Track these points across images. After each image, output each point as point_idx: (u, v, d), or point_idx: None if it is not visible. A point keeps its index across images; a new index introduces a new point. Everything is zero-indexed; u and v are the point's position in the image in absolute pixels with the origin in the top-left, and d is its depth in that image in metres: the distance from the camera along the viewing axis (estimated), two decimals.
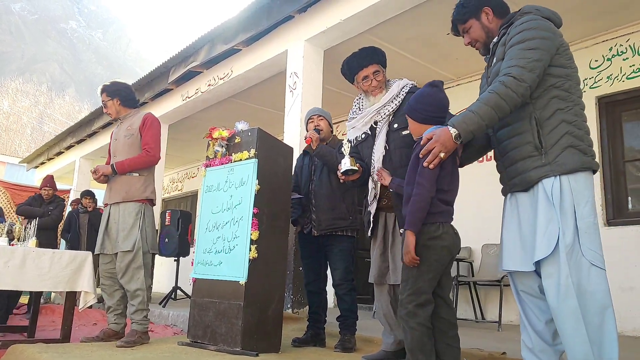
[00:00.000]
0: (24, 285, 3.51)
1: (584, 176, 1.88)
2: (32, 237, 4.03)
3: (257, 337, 2.93)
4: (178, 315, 5.04)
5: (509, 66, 1.91)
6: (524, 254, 1.95)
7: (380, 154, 2.60)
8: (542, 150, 1.90)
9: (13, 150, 29.20)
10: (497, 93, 1.88)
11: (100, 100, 3.74)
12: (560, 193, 1.84)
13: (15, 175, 15.75)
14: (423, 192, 2.02)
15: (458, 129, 1.91)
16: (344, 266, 3.27)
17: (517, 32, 1.97)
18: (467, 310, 5.46)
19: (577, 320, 1.76)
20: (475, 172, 5.14)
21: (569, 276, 1.78)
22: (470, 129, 1.91)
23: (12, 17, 53.47)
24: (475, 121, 1.90)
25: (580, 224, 1.82)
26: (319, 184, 3.39)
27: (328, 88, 5.89)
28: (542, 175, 1.89)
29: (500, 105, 1.88)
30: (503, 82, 1.88)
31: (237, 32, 5.57)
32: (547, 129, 1.91)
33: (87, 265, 3.72)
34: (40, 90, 40.80)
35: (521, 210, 2.00)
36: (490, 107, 1.88)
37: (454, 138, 1.93)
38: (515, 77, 1.87)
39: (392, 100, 2.65)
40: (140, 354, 2.87)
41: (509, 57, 1.93)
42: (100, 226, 3.58)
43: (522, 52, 1.90)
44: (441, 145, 1.95)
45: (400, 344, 2.62)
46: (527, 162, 1.94)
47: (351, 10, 4.57)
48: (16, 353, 2.99)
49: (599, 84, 4.92)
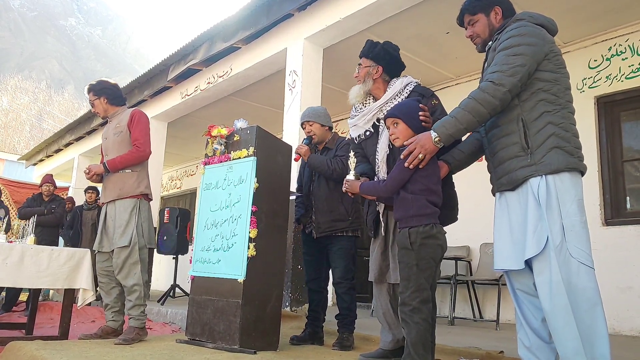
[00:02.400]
0: (22, 282, 3.50)
1: (570, 176, 1.93)
2: (30, 234, 4.03)
3: (255, 335, 2.93)
4: (176, 313, 5.04)
5: (491, 72, 2.01)
6: (515, 252, 1.98)
7: (384, 152, 2.58)
8: (528, 151, 1.97)
9: (12, 147, 29.17)
10: (475, 98, 2.00)
11: (88, 100, 3.73)
12: (546, 192, 1.90)
13: (14, 173, 15.72)
14: (389, 184, 2.23)
15: (438, 133, 2.06)
16: (343, 265, 3.27)
17: (506, 38, 2.04)
18: (465, 309, 5.48)
19: (568, 317, 1.80)
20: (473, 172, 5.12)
21: (558, 273, 1.82)
22: (449, 133, 2.05)
23: (12, 14, 53.38)
24: (453, 125, 2.03)
25: (566, 223, 1.87)
26: (318, 186, 3.40)
27: (327, 86, 5.89)
28: (528, 174, 1.95)
29: (477, 109, 2.00)
30: (481, 88, 2.00)
31: (236, 30, 5.57)
32: (533, 130, 1.98)
33: (86, 263, 3.72)
34: (39, 87, 40.77)
35: (510, 209, 2.05)
36: (468, 112, 2.01)
37: (435, 142, 2.07)
38: (494, 82, 1.96)
39: (395, 97, 2.62)
40: (138, 351, 2.87)
41: (494, 63, 2.02)
42: (99, 225, 3.59)
43: (506, 58, 1.99)
44: (421, 147, 2.10)
45: (398, 343, 2.62)
46: (514, 162, 2.01)
47: (351, 9, 4.57)
48: (14, 350, 2.99)
49: (597, 83, 4.92)
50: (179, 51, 6.47)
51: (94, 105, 3.69)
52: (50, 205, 6.73)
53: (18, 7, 54.55)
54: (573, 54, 5.09)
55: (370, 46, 2.77)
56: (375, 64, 2.71)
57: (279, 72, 5.66)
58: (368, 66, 2.71)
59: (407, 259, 2.15)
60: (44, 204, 6.73)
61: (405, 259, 2.16)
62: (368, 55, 2.74)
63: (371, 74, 2.70)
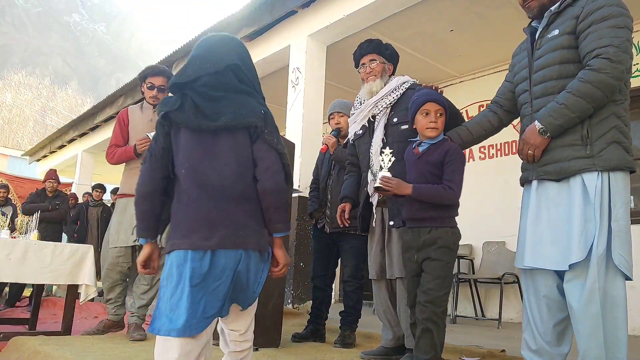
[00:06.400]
0: (25, 278, 3.52)
1: (623, 176, 1.79)
2: (33, 229, 4.04)
3: (256, 331, 2.91)
4: None
5: (601, 46, 1.73)
6: (557, 252, 1.80)
7: (378, 146, 2.58)
8: (587, 141, 1.77)
9: (15, 143, 29.25)
10: (589, 81, 1.72)
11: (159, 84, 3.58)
12: (600, 191, 1.74)
13: (18, 168, 15.78)
14: (458, 190, 2.18)
15: (544, 124, 1.81)
16: (354, 264, 3.25)
17: (599, 6, 1.78)
18: (467, 307, 5.47)
19: (597, 324, 1.71)
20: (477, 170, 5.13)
21: (596, 281, 1.71)
22: (558, 123, 1.79)
23: (16, 10, 53.47)
24: (563, 114, 1.77)
25: (614, 227, 1.73)
26: (336, 180, 3.34)
27: (330, 84, 5.87)
28: (584, 167, 1.76)
29: (593, 95, 1.73)
30: (597, 68, 1.72)
31: (240, 26, 5.56)
32: (596, 119, 1.78)
33: (89, 259, 3.73)
34: (43, 83, 40.84)
35: (551, 202, 1.85)
36: (582, 98, 1.74)
37: (540, 133, 1.83)
38: (611, 59, 1.70)
39: (390, 93, 2.63)
40: (140, 347, 2.88)
41: (598, 36, 1.74)
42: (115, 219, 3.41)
43: (613, 31, 1.73)
44: (530, 145, 1.87)
45: (399, 340, 2.62)
46: (566, 150, 1.81)
47: (354, 6, 4.56)
48: (17, 345, 3.01)
49: None
50: (182, 47, 6.46)
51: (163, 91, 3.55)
52: (54, 201, 6.75)
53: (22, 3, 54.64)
54: None
55: (380, 44, 2.78)
56: (388, 62, 2.76)
57: (282, 69, 5.65)
58: (384, 62, 2.74)
59: (447, 258, 2.17)
60: (47, 199, 6.75)
61: (445, 257, 2.16)
62: (383, 52, 2.75)
63: (386, 70, 2.74)
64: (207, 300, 1.42)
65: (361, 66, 2.77)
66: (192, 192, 1.48)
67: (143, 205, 1.54)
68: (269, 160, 1.52)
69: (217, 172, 1.48)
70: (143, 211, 1.54)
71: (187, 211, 1.48)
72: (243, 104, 1.52)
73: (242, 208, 1.49)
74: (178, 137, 1.51)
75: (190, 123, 1.48)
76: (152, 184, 1.53)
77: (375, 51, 2.75)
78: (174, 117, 1.50)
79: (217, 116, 1.47)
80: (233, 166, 1.49)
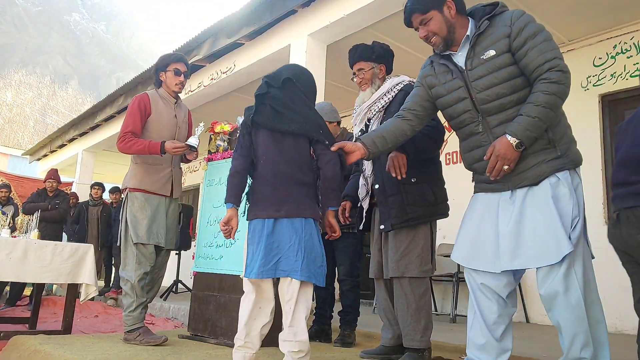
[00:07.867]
0: (25, 277, 3.52)
1: (578, 171, 1.96)
2: (34, 229, 4.05)
3: None
4: (179, 309, 5.06)
5: (548, 59, 1.84)
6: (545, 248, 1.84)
7: None
8: (554, 144, 1.90)
9: (16, 142, 29.28)
10: (553, 93, 1.82)
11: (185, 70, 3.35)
12: (576, 186, 1.90)
13: (18, 167, 15.80)
14: None
15: (520, 137, 1.85)
16: (348, 262, 3.26)
17: (525, 23, 1.91)
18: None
19: (580, 309, 1.80)
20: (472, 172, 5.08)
21: (581, 267, 1.83)
22: (534, 136, 1.86)
23: (16, 9, 53.48)
24: (538, 126, 1.84)
25: (582, 217, 1.89)
26: None
27: (331, 83, 5.88)
28: (558, 167, 1.89)
29: (557, 104, 1.85)
30: (555, 80, 1.82)
31: (240, 26, 5.56)
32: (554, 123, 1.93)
33: (89, 258, 3.74)
34: (44, 82, 40.83)
35: (536, 205, 1.90)
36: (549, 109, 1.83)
37: (516, 147, 1.86)
38: (565, 71, 1.84)
39: (382, 97, 2.64)
40: (140, 346, 2.89)
41: (540, 50, 1.86)
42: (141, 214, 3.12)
43: (549, 44, 1.87)
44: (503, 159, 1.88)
45: (398, 339, 2.63)
46: (540, 155, 1.90)
47: (354, 5, 4.56)
48: (18, 344, 3.02)
49: (602, 81, 4.89)
50: (182, 47, 6.46)
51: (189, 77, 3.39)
52: (55, 200, 6.75)
53: (22, 3, 54.63)
54: (578, 51, 5.06)
55: (365, 49, 2.77)
56: (378, 64, 2.74)
57: None
58: (372, 68, 2.72)
59: None
60: (48, 199, 6.76)
61: None
62: (369, 58, 2.74)
63: (377, 74, 2.73)
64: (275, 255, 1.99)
65: (353, 75, 2.79)
66: (268, 176, 2.06)
67: (236, 179, 2.11)
68: (329, 155, 2.08)
69: (285, 163, 2.04)
70: (235, 183, 2.11)
71: (264, 191, 2.06)
72: (307, 117, 2.09)
73: (300, 190, 2.05)
74: (257, 136, 2.11)
75: (268, 125, 2.07)
76: (244, 164, 2.11)
77: (362, 58, 2.74)
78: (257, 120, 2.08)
79: (289, 122, 2.04)
80: (296, 159, 2.06)
